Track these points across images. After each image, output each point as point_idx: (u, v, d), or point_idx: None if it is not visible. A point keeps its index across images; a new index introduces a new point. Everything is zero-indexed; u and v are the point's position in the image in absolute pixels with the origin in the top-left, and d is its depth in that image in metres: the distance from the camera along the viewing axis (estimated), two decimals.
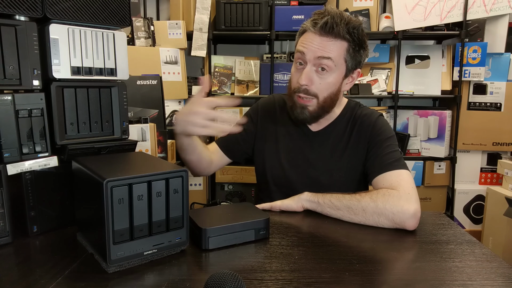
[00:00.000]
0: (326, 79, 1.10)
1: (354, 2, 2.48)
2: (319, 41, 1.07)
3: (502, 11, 2.36)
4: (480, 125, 2.49)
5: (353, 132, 1.20)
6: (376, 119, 1.20)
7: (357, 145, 1.19)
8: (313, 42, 1.08)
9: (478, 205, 2.55)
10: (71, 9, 0.86)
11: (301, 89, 1.10)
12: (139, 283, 0.68)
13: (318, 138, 1.22)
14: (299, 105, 1.13)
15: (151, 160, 0.87)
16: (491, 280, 0.70)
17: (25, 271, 0.72)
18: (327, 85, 1.10)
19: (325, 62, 1.07)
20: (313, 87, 1.10)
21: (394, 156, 1.10)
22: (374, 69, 2.65)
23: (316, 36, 1.07)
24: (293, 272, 0.72)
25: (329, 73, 1.09)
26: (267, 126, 1.28)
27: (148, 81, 1.84)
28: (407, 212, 0.93)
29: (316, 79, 1.09)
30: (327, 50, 1.07)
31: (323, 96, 1.11)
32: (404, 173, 1.06)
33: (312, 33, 1.08)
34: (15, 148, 0.82)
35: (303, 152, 1.22)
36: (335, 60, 1.08)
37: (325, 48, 1.07)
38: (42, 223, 0.89)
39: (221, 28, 2.36)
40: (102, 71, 0.92)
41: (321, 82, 1.10)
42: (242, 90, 2.56)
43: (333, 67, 1.08)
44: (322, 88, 1.10)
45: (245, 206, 0.97)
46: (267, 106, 1.31)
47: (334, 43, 1.07)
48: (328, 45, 1.07)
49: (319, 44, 1.07)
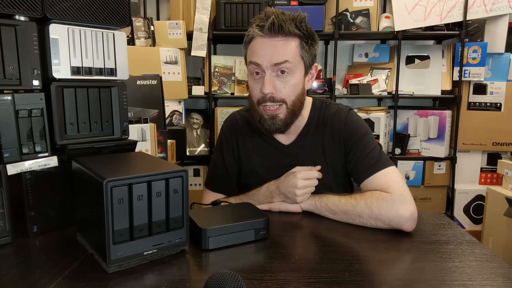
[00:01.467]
0: (289, 82, 1.04)
1: (354, 2, 2.48)
2: (271, 44, 1.01)
3: (502, 11, 2.36)
4: (480, 125, 2.49)
5: (325, 136, 1.14)
6: (345, 117, 1.14)
7: (334, 150, 1.14)
8: (265, 47, 1.02)
9: (478, 205, 2.55)
10: (71, 9, 0.86)
11: (267, 98, 1.04)
12: (139, 283, 0.68)
13: (292, 152, 1.16)
14: (268, 116, 1.06)
15: (151, 160, 0.87)
16: (491, 280, 0.70)
17: (25, 271, 0.72)
18: (291, 87, 1.05)
19: (283, 65, 1.02)
20: (278, 93, 1.04)
21: (374, 155, 1.07)
22: (374, 69, 2.65)
23: (265, 39, 1.02)
24: (293, 272, 0.72)
25: (290, 75, 1.04)
26: (240, 147, 1.21)
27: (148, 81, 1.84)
28: (403, 216, 0.92)
29: (279, 84, 1.04)
30: (282, 53, 1.01)
31: (291, 99, 1.06)
32: (390, 171, 1.03)
33: (261, 38, 1.02)
34: (15, 148, 0.82)
35: (282, 169, 1.12)
36: (292, 61, 1.02)
37: (279, 51, 1.01)
38: (42, 223, 0.89)
39: (221, 28, 2.36)
40: (102, 71, 0.92)
41: (285, 86, 1.04)
42: (242, 90, 2.56)
43: (293, 68, 1.03)
44: (288, 91, 1.05)
45: (245, 206, 0.97)
46: (233, 128, 1.23)
47: (286, 42, 1.02)
48: (281, 47, 1.01)
49: (272, 48, 1.01)
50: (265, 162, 1.18)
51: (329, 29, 2.48)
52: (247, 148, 1.20)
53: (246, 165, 1.21)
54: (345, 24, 2.47)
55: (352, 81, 2.59)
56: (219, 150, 1.24)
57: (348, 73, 2.74)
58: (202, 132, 2.62)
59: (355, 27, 2.47)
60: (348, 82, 2.58)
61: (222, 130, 1.26)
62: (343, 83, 2.72)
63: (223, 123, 1.27)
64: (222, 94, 2.54)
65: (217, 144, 1.27)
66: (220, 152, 1.24)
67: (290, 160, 1.14)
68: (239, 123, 1.23)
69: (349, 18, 2.47)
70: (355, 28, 2.47)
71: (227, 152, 1.22)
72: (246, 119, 1.23)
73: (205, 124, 2.63)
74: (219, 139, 1.26)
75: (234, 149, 1.22)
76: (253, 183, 1.18)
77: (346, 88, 2.57)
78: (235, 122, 1.24)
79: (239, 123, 1.23)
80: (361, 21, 2.47)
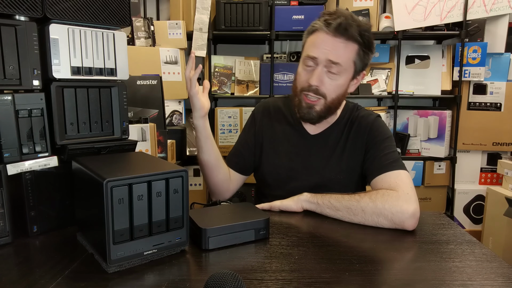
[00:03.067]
0: (336, 81, 1.10)
1: (354, 2, 2.48)
2: (332, 42, 1.07)
3: (502, 11, 2.36)
4: (480, 125, 2.49)
5: (350, 134, 1.20)
6: (373, 120, 1.20)
7: (355, 147, 1.19)
8: (325, 43, 1.07)
9: (478, 205, 2.55)
10: (71, 9, 0.86)
11: (311, 89, 1.10)
12: (139, 283, 0.68)
13: (316, 141, 1.22)
14: (306, 104, 1.13)
15: (151, 160, 0.87)
16: (491, 280, 0.70)
17: (25, 271, 0.72)
18: (336, 86, 1.11)
19: (335, 66, 1.08)
20: (322, 88, 1.10)
21: (392, 156, 1.11)
22: (374, 69, 2.65)
23: (328, 36, 1.07)
24: (293, 272, 0.72)
25: (339, 75, 1.10)
26: (265, 131, 1.28)
27: (148, 81, 1.84)
28: (406, 212, 0.93)
29: (327, 80, 1.10)
30: (340, 54, 1.07)
31: (331, 97, 1.12)
32: (402, 173, 1.06)
33: (324, 33, 1.08)
34: (15, 148, 0.82)
35: (302, 156, 1.22)
36: (345, 64, 1.08)
37: (338, 50, 1.07)
38: (42, 223, 0.89)
39: (221, 28, 2.36)
40: (102, 71, 0.92)
41: (331, 83, 1.10)
42: (242, 90, 2.56)
43: (343, 70, 1.09)
44: (331, 89, 1.11)
45: (245, 206, 0.97)
46: (263, 111, 1.31)
47: (346, 45, 1.07)
48: (341, 47, 1.07)
49: (331, 46, 1.07)
50: (288, 147, 1.23)
51: None
52: (274, 130, 1.26)
53: (268, 147, 1.26)
54: None
55: None
56: (245, 129, 1.32)
57: None
58: None
59: None
60: None
61: (253, 113, 1.33)
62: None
63: (256, 106, 1.35)
64: (222, 94, 2.54)
65: (245, 124, 1.35)
66: (245, 131, 1.32)
67: (312, 150, 1.21)
68: (270, 107, 1.31)
69: None
70: None
71: (251, 132, 1.29)
72: (278, 106, 1.30)
73: None
74: (248, 120, 1.34)
75: (258, 132, 1.28)
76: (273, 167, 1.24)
77: None
78: (266, 106, 1.32)
79: (271, 107, 1.31)
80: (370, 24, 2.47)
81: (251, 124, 1.31)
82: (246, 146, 1.29)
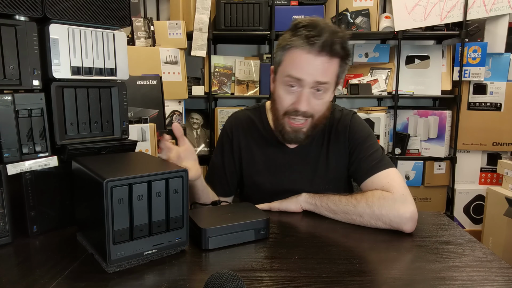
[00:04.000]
0: (323, 99, 1.05)
1: (354, 2, 2.48)
2: (317, 62, 0.99)
3: (502, 11, 2.36)
4: (480, 125, 2.49)
5: (330, 140, 1.16)
6: (350, 120, 1.15)
7: (338, 152, 1.15)
8: (311, 64, 0.99)
9: (478, 205, 2.55)
10: (71, 9, 0.86)
11: (299, 113, 1.03)
12: (139, 283, 0.68)
13: (297, 156, 1.17)
14: (292, 129, 1.06)
15: (151, 160, 0.87)
16: (491, 280, 0.70)
17: (25, 271, 0.72)
18: (323, 104, 1.06)
19: (322, 86, 1.02)
20: (310, 109, 1.04)
21: (377, 156, 1.08)
22: (374, 69, 2.65)
23: (311, 56, 0.98)
24: (293, 272, 0.72)
25: (325, 93, 1.04)
26: (242, 148, 1.20)
27: (148, 81, 1.84)
28: (403, 216, 0.92)
29: (314, 101, 1.04)
30: (325, 74, 1.00)
31: (318, 115, 1.07)
32: (391, 171, 1.04)
33: (307, 54, 0.98)
34: (15, 148, 0.82)
35: (285, 172, 1.17)
36: (331, 80, 1.03)
37: (323, 71, 0.99)
38: (42, 223, 0.89)
39: (221, 28, 2.36)
40: (102, 71, 0.92)
41: (318, 103, 1.04)
42: (242, 90, 2.56)
43: (329, 87, 1.04)
44: (319, 108, 1.05)
45: (245, 206, 0.97)
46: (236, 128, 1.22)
47: (330, 63, 1.00)
48: (326, 66, 1.00)
49: (318, 66, 0.99)
50: (268, 163, 1.19)
51: None
52: (250, 148, 1.20)
53: (248, 165, 1.21)
54: (345, 24, 2.47)
55: (352, 81, 2.59)
56: (219, 150, 1.24)
57: (348, 73, 2.74)
58: (202, 132, 2.62)
59: (355, 27, 2.47)
60: (348, 82, 2.58)
61: (224, 130, 1.25)
62: (343, 83, 2.72)
63: (226, 122, 1.26)
64: (222, 94, 2.54)
65: (217, 143, 1.26)
66: (220, 151, 1.23)
67: (294, 163, 1.17)
68: (242, 122, 1.22)
69: (349, 18, 2.47)
70: (355, 28, 2.47)
71: (227, 152, 1.22)
72: (250, 119, 1.22)
73: (205, 124, 2.63)
74: (220, 138, 1.25)
75: (235, 149, 1.21)
76: (255, 184, 1.19)
77: (346, 88, 2.57)
78: (238, 122, 1.23)
79: (243, 122, 1.22)
80: (361, 21, 2.47)
81: (227, 143, 1.22)
82: (229, 169, 1.21)
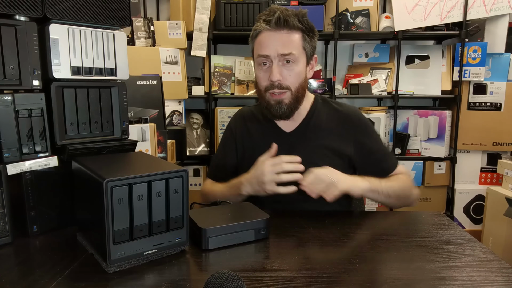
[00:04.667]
0: (294, 70, 1.13)
1: (354, 2, 2.48)
2: (277, 36, 1.11)
3: (502, 11, 2.36)
4: (480, 125, 2.49)
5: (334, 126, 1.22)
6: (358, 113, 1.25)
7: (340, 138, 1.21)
8: (271, 39, 1.11)
9: (478, 205, 2.55)
10: (71, 9, 0.86)
11: (274, 85, 1.13)
12: (139, 283, 0.68)
13: (294, 139, 1.22)
14: (275, 101, 1.15)
15: (151, 160, 0.87)
16: (491, 280, 0.70)
17: (25, 271, 0.72)
18: (296, 75, 1.14)
19: (288, 56, 1.11)
20: (284, 81, 1.13)
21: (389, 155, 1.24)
22: (374, 69, 2.65)
23: (272, 32, 1.11)
24: (293, 272, 0.72)
25: (295, 64, 1.13)
26: (244, 138, 1.29)
27: (148, 81, 1.84)
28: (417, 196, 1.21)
29: (286, 72, 1.13)
30: (288, 45, 1.11)
31: (295, 86, 1.15)
32: (400, 167, 1.24)
33: (267, 32, 1.12)
34: (15, 148, 0.82)
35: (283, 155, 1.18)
36: (296, 52, 1.12)
37: (285, 42, 1.11)
38: (42, 223, 0.89)
39: (221, 28, 2.36)
40: (102, 71, 0.92)
41: (290, 74, 1.13)
42: (242, 90, 2.56)
43: (297, 58, 1.13)
44: (293, 79, 1.14)
45: (245, 206, 0.97)
46: (239, 120, 1.32)
47: (290, 35, 1.12)
48: (287, 39, 1.11)
49: (278, 40, 1.11)
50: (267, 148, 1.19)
51: (329, 29, 2.48)
52: (252, 140, 1.27)
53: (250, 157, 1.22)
54: (345, 24, 2.47)
55: (352, 81, 2.59)
56: (222, 143, 1.34)
57: (348, 73, 2.74)
58: (202, 132, 2.62)
59: (355, 27, 2.47)
60: (348, 82, 2.58)
61: (229, 125, 1.35)
62: (343, 83, 2.72)
63: (231, 118, 1.36)
64: (222, 94, 2.54)
65: (222, 138, 1.36)
66: (222, 145, 1.34)
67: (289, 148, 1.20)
68: (245, 117, 1.32)
69: (349, 18, 2.47)
70: (355, 28, 2.46)
71: (229, 146, 1.31)
72: (252, 113, 1.31)
73: (205, 124, 2.63)
74: (224, 133, 1.35)
75: (238, 143, 1.29)
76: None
77: (346, 88, 2.56)
78: (241, 116, 1.33)
79: (245, 117, 1.32)
80: (361, 21, 2.47)
81: (230, 138, 1.31)
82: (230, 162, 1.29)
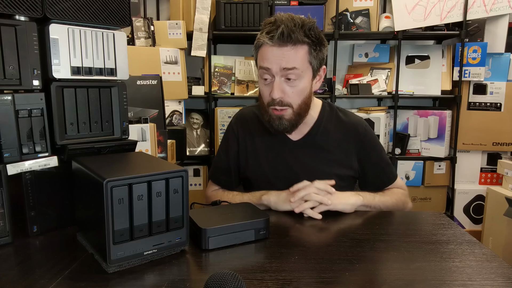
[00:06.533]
0: (296, 87, 1.08)
1: (354, 2, 2.48)
2: (280, 52, 1.04)
3: (502, 11, 2.36)
4: (480, 125, 2.49)
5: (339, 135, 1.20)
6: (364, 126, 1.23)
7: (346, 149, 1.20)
8: (274, 55, 1.05)
9: (478, 205, 2.55)
10: (71, 9, 0.86)
11: (275, 102, 1.08)
12: (139, 283, 0.68)
13: (300, 148, 1.20)
14: (276, 117, 1.11)
15: (151, 160, 0.87)
16: (491, 280, 0.70)
17: (25, 271, 0.72)
18: (299, 92, 1.09)
19: (291, 72, 1.05)
20: (286, 98, 1.08)
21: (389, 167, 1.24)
22: (374, 69, 2.65)
23: (275, 48, 1.05)
24: (293, 272, 0.72)
25: (298, 80, 1.07)
26: (247, 142, 1.25)
27: (148, 81, 1.84)
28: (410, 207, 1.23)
29: (288, 89, 1.08)
30: (291, 61, 1.04)
31: (297, 103, 1.10)
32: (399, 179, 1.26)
33: (270, 47, 1.05)
34: (15, 148, 0.82)
35: (287, 164, 1.19)
36: (300, 67, 1.06)
37: (288, 58, 1.04)
38: (42, 223, 0.89)
39: (221, 28, 2.36)
40: (102, 71, 0.92)
41: (292, 90, 1.08)
42: (242, 90, 2.56)
43: (301, 74, 1.07)
44: (295, 96, 1.09)
45: (245, 206, 0.97)
46: (241, 123, 1.27)
47: (295, 51, 1.05)
48: (290, 55, 1.04)
49: (281, 56, 1.04)
50: (272, 157, 1.21)
51: (329, 29, 2.48)
52: (255, 143, 1.24)
53: (253, 160, 1.23)
54: (345, 24, 2.47)
55: (352, 81, 2.59)
56: (225, 145, 1.28)
57: (348, 73, 2.74)
58: (202, 132, 2.62)
59: (355, 27, 2.47)
60: (348, 82, 2.58)
61: (230, 126, 1.30)
62: (343, 83, 2.72)
63: (232, 118, 1.31)
64: (222, 94, 2.54)
65: (223, 139, 1.31)
66: (225, 147, 1.28)
67: (295, 156, 1.19)
68: (247, 119, 1.27)
69: (349, 18, 2.47)
70: (355, 28, 2.46)
71: (232, 148, 1.26)
72: (255, 115, 1.26)
73: (205, 124, 2.63)
74: (226, 134, 1.30)
75: (241, 145, 1.25)
76: (257, 177, 1.22)
77: (346, 88, 2.56)
78: (243, 117, 1.28)
79: (248, 119, 1.27)
80: (361, 21, 2.47)
81: (232, 139, 1.27)
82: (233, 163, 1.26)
